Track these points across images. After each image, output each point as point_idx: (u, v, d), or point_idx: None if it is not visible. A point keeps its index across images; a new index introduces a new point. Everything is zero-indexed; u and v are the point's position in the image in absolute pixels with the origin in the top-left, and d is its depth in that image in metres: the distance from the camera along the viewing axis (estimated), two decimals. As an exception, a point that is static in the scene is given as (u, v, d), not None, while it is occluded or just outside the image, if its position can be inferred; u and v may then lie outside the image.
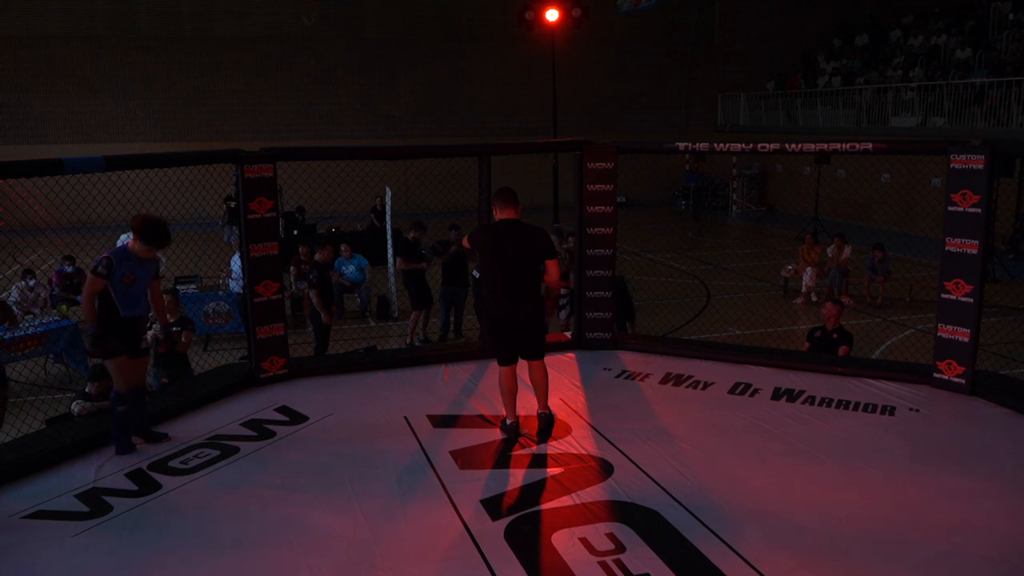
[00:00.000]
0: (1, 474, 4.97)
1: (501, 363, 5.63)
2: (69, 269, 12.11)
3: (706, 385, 6.64)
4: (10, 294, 11.51)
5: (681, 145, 7.70)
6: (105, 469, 5.13)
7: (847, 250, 13.25)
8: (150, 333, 5.70)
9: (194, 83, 23.41)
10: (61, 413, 6.80)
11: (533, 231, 5.63)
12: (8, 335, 9.16)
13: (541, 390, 5.71)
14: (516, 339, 5.59)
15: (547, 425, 5.66)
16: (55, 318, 10.27)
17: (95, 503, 4.71)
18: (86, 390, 6.32)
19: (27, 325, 9.79)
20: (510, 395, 5.64)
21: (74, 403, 6.28)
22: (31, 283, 11.52)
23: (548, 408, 5.75)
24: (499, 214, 5.60)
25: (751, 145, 7.18)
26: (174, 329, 5.24)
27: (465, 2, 24.57)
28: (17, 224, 9.41)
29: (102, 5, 22.76)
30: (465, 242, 5.90)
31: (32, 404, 7.71)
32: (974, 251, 6.07)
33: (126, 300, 5.16)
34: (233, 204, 14.51)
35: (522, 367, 5.66)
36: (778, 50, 25.83)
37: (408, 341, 10.57)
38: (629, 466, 5.10)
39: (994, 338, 8.25)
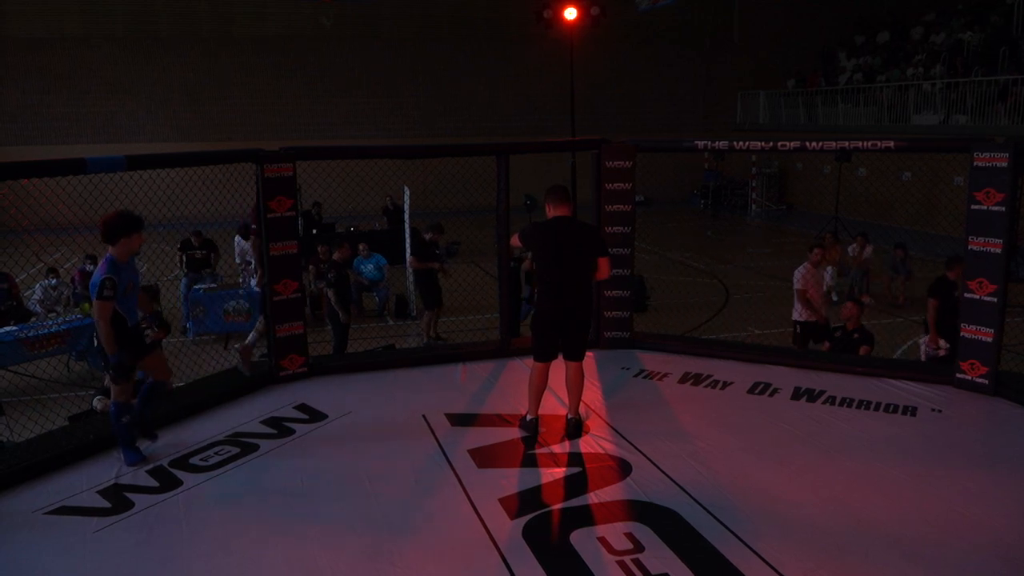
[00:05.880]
0: (25, 470, 5.03)
1: (537, 359, 5.60)
2: (91, 268, 12.23)
3: (725, 385, 6.60)
4: (34, 292, 11.66)
5: (700, 143, 7.66)
6: (126, 466, 5.17)
7: (868, 249, 13.13)
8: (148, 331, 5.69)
9: (213, 83, 23.59)
10: (84, 410, 6.88)
11: (587, 228, 5.66)
12: (32, 333, 9.29)
13: (574, 394, 5.67)
14: (561, 337, 5.55)
15: (575, 431, 5.61)
16: (78, 316, 10.39)
17: (117, 499, 4.75)
18: (104, 384, 6.39)
19: (50, 323, 9.91)
20: (537, 391, 5.62)
21: (96, 399, 6.35)
22: (54, 282, 11.66)
23: (578, 414, 5.70)
24: (552, 211, 5.56)
25: (771, 143, 7.13)
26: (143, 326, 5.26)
27: (480, 2, 24.58)
28: (41, 223, 9.52)
29: (122, 7, 22.98)
30: (515, 240, 5.84)
31: (55, 401, 7.80)
32: (997, 250, 6.01)
33: (129, 308, 5.15)
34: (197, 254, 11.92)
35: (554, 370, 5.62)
36: (798, 47, 25.63)
37: (424, 340, 10.60)
38: (647, 466, 5.09)
39: (1018, 338, 8.13)
